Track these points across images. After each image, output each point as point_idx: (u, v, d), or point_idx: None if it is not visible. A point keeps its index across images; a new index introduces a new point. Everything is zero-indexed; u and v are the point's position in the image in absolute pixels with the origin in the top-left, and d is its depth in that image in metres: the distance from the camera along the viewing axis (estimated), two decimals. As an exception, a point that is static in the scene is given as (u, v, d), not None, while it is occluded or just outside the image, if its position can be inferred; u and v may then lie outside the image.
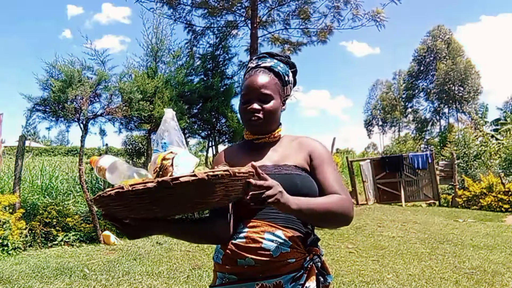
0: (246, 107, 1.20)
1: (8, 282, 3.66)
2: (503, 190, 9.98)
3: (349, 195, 1.16)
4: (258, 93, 1.18)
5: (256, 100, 1.19)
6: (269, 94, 1.19)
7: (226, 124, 8.79)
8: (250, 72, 1.25)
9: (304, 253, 1.10)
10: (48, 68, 5.60)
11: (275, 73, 1.23)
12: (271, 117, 1.20)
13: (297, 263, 1.08)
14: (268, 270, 1.05)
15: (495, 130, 21.12)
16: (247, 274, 1.07)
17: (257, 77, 1.20)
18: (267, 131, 1.24)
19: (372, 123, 51.74)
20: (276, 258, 1.05)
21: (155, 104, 6.53)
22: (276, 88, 1.21)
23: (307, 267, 1.09)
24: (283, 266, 1.06)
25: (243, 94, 1.23)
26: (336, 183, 1.16)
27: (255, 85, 1.19)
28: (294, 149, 1.23)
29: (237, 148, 1.36)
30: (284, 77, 1.25)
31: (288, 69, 1.28)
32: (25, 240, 5.21)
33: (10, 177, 6.73)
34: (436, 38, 38.89)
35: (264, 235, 1.07)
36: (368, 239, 5.98)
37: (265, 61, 1.25)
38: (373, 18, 8.62)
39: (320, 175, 1.17)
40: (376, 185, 11.81)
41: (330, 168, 1.19)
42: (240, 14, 9.60)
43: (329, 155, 1.23)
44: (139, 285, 3.69)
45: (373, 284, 3.72)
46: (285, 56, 1.30)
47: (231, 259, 1.09)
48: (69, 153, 30.05)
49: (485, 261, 4.58)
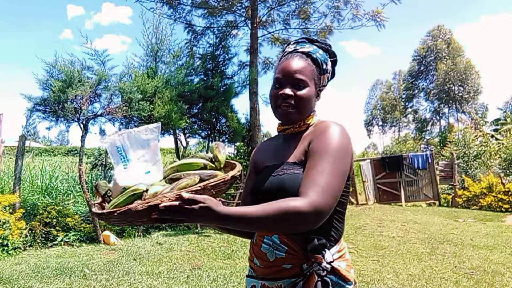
0: (278, 91, 1.11)
1: (8, 282, 3.66)
2: (503, 190, 9.98)
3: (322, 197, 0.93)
4: (292, 78, 1.09)
5: (289, 85, 1.10)
6: (304, 80, 1.09)
7: (226, 124, 8.80)
8: (287, 56, 1.15)
9: (302, 259, 1.03)
10: (48, 68, 5.61)
11: (313, 59, 1.13)
12: (303, 105, 1.10)
13: (294, 268, 1.03)
14: (270, 273, 1.07)
15: (495, 130, 21.13)
16: (257, 272, 1.12)
17: (293, 61, 1.11)
18: (297, 121, 1.13)
19: (372, 123, 51.72)
20: (272, 263, 1.06)
21: (155, 104, 6.53)
22: (312, 75, 1.12)
23: (306, 273, 1.02)
24: (281, 271, 1.05)
25: (275, 78, 1.13)
26: (309, 179, 0.97)
27: (290, 69, 1.10)
28: (305, 140, 1.12)
29: (268, 142, 1.32)
30: (323, 65, 1.14)
31: (328, 57, 1.17)
32: (25, 240, 5.21)
33: (10, 177, 6.73)
34: (436, 38, 38.87)
35: (264, 239, 1.08)
36: (368, 239, 5.98)
37: (303, 46, 1.16)
38: (373, 18, 8.62)
39: (305, 170, 1.02)
40: (376, 185, 11.81)
41: (319, 161, 1.00)
42: (240, 14, 9.61)
43: (330, 143, 1.03)
44: (139, 285, 3.69)
45: (373, 284, 3.72)
46: (326, 44, 1.19)
47: (251, 256, 1.16)
48: (69, 153, 30.07)
49: (485, 261, 4.58)
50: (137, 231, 6.28)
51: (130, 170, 1.05)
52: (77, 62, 5.81)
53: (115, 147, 1.07)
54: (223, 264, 4.50)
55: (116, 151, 1.07)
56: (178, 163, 1.12)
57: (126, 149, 1.08)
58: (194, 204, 0.86)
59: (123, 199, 0.97)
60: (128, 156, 1.07)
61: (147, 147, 1.09)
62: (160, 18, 7.67)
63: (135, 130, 1.09)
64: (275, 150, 1.20)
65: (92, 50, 6.04)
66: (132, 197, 0.97)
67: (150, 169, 1.07)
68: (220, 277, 3.94)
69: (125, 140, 1.08)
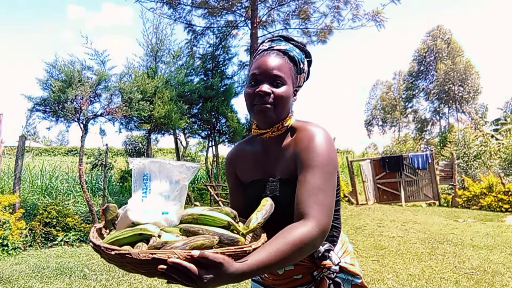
0: (254, 89, 1.02)
1: (8, 282, 3.66)
2: (503, 190, 9.98)
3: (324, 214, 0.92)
4: (270, 74, 1.02)
5: (266, 82, 1.02)
6: (282, 76, 1.02)
7: (226, 124, 8.80)
8: (262, 53, 1.08)
9: (311, 267, 1.04)
10: (48, 68, 5.61)
11: (290, 57, 1.07)
12: (282, 105, 1.03)
13: (305, 277, 1.05)
14: (280, 284, 1.08)
15: (495, 130, 21.13)
16: (266, 281, 1.12)
17: (270, 58, 1.04)
18: (275, 122, 1.06)
19: (372, 123, 51.70)
20: (282, 276, 1.05)
21: (155, 104, 6.53)
22: (290, 73, 1.05)
23: (317, 279, 1.04)
24: (291, 282, 1.05)
25: (252, 75, 1.05)
26: (312, 197, 0.93)
27: (267, 65, 1.02)
28: (289, 151, 1.05)
29: (245, 147, 1.21)
30: (300, 63, 1.08)
31: (304, 56, 1.11)
32: (25, 240, 5.21)
33: (10, 177, 6.73)
34: (436, 38, 38.88)
35: None
36: (368, 239, 5.97)
37: (279, 44, 1.09)
38: (373, 18, 8.62)
39: (297, 185, 0.97)
40: (376, 185, 11.81)
41: (311, 175, 0.96)
42: (240, 14, 9.60)
43: (319, 155, 0.98)
44: (139, 285, 3.69)
45: (373, 284, 3.72)
46: (301, 43, 1.13)
47: None
48: (69, 153, 30.08)
49: (485, 261, 4.58)
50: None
51: (148, 203, 0.92)
52: (77, 62, 5.81)
53: (142, 173, 0.94)
54: (223, 264, 4.49)
55: (141, 177, 0.94)
56: (201, 212, 0.97)
57: (152, 179, 0.95)
58: (206, 268, 0.73)
59: (127, 235, 0.84)
60: (151, 187, 0.94)
61: (175, 185, 0.96)
62: (160, 18, 7.68)
63: (172, 163, 0.96)
64: (257, 160, 1.13)
65: (92, 50, 6.05)
66: (138, 237, 0.84)
67: (169, 210, 0.94)
68: (220, 277, 3.94)
69: (155, 169, 0.95)
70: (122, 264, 0.80)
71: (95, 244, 0.82)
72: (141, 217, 0.88)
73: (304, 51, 1.12)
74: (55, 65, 5.62)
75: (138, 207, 0.90)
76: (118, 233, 0.86)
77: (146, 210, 0.90)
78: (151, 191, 0.94)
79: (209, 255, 0.73)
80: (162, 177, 0.95)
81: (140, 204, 0.91)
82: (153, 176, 0.95)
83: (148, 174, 0.94)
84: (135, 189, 0.94)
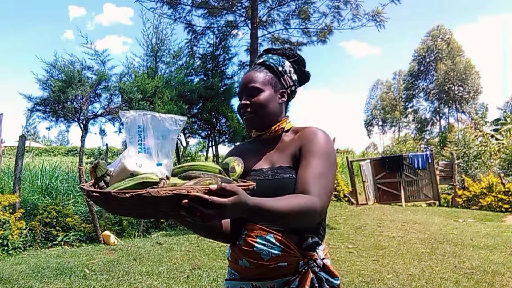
0: (240, 103, 1.22)
1: (8, 282, 3.66)
2: (503, 190, 9.98)
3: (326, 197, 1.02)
4: (246, 88, 1.19)
5: (245, 96, 1.19)
6: (256, 87, 1.17)
7: (226, 124, 8.80)
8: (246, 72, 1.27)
9: (298, 257, 1.08)
10: (48, 68, 5.61)
11: (266, 66, 1.21)
12: (261, 109, 1.17)
13: (290, 267, 1.07)
14: (262, 273, 1.09)
15: (495, 130, 21.11)
16: (246, 274, 1.13)
17: (247, 75, 1.21)
18: (263, 125, 1.20)
19: (372, 123, 51.71)
20: (266, 262, 1.07)
21: (155, 104, 6.53)
22: (266, 80, 1.18)
23: (301, 271, 1.07)
24: (275, 270, 1.07)
25: (238, 92, 1.25)
26: (315, 179, 1.03)
27: (244, 82, 1.20)
28: (293, 144, 1.18)
29: (245, 146, 1.35)
30: (277, 68, 1.21)
31: (283, 59, 1.23)
32: (25, 240, 5.21)
33: (10, 177, 6.73)
34: (436, 38, 38.89)
35: (257, 239, 1.09)
36: (368, 239, 5.98)
37: (260, 59, 1.25)
38: (373, 18, 8.62)
39: (301, 169, 1.08)
40: (376, 185, 11.81)
41: (315, 162, 1.07)
42: (240, 14, 9.60)
43: (325, 147, 1.11)
44: (139, 285, 3.69)
45: (373, 284, 3.72)
46: (284, 49, 1.27)
47: (235, 259, 1.16)
48: (69, 153, 30.06)
49: (485, 261, 4.58)
50: (137, 231, 6.28)
51: (143, 155, 0.94)
52: (77, 62, 5.81)
53: (136, 126, 0.95)
54: (223, 264, 4.49)
55: (136, 130, 0.95)
56: (190, 164, 1.02)
57: (146, 132, 0.96)
58: (225, 197, 0.78)
59: (129, 184, 0.84)
60: (145, 140, 0.96)
61: (167, 138, 0.99)
62: (160, 18, 7.68)
63: (161, 115, 0.99)
64: (258, 154, 1.23)
65: (92, 50, 6.04)
66: (140, 186, 0.83)
67: (162, 162, 0.96)
68: (220, 277, 3.94)
69: (148, 122, 0.97)
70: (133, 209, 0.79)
71: (103, 193, 0.78)
72: (139, 167, 0.90)
73: (286, 54, 1.24)
74: (55, 65, 5.62)
75: (135, 158, 0.92)
76: (119, 183, 0.85)
77: (142, 161, 0.92)
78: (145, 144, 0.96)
79: (226, 185, 0.79)
80: (154, 129, 0.98)
81: (137, 156, 0.93)
82: (146, 129, 0.96)
83: (142, 126, 0.96)
84: (131, 142, 0.95)
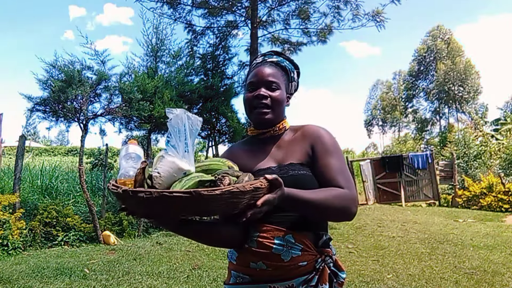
0: (253, 94, 1.17)
1: (8, 282, 3.66)
2: (503, 190, 9.98)
3: (353, 187, 1.10)
4: (266, 80, 1.16)
5: (263, 87, 1.16)
6: (277, 82, 1.17)
7: (226, 124, 8.80)
8: (257, 65, 1.23)
9: (316, 255, 1.08)
10: (48, 68, 5.61)
11: (282, 67, 1.22)
12: (278, 106, 1.17)
13: (309, 265, 1.07)
14: (280, 274, 1.05)
15: (495, 130, 21.10)
16: (260, 276, 1.08)
17: (264, 67, 1.19)
18: (273, 122, 1.19)
19: (372, 123, 51.68)
20: (287, 263, 1.05)
21: (155, 104, 6.53)
22: (282, 81, 1.20)
23: (319, 268, 1.08)
24: (295, 269, 1.05)
25: (249, 83, 1.20)
26: (340, 175, 1.09)
27: (263, 73, 1.18)
28: (298, 142, 1.19)
29: (241, 147, 1.30)
30: (290, 73, 1.24)
31: (293, 67, 1.27)
32: (25, 240, 5.21)
33: (10, 177, 6.73)
34: (436, 38, 38.87)
35: (274, 240, 1.05)
36: (368, 239, 5.98)
37: (271, 57, 1.25)
38: (373, 18, 8.61)
39: (322, 168, 1.11)
40: (376, 185, 11.81)
41: (333, 159, 1.12)
42: (240, 14, 9.60)
43: (333, 143, 1.17)
44: (139, 285, 3.69)
45: (373, 284, 3.72)
46: (289, 58, 1.29)
47: (245, 262, 1.10)
48: (69, 153, 30.04)
49: (485, 261, 4.58)
50: (137, 231, 6.28)
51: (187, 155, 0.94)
52: (77, 62, 5.80)
53: (183, 125, 0.96)
54: (223, 264, 4.49)
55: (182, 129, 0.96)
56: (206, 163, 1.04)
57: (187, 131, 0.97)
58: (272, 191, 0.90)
59: (190, 183, 0.86)
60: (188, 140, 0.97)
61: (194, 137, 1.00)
62: (160, 18, 7.67)
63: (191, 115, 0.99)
64: (260, 153, 1.21)
65: (92, 50, 6.03)
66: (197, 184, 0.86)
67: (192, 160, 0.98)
68: (220, 277, 3.94)
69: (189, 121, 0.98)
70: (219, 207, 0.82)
71: (195, 192, 0.78)
72: (190, 166, 0.94)
73: (293, 63, 1.27)
74: (55, 65, 5.61)
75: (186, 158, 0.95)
76: (182, 184, 0.88)
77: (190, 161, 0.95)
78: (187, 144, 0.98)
79: (277, 177, 0.90)
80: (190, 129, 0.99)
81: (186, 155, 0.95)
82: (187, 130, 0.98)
83: (186, 125, 0.97)
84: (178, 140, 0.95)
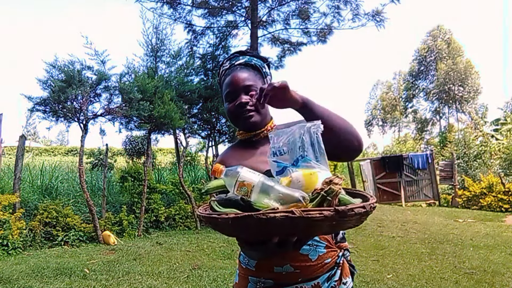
0: (235, 103, 1.13)
1: (8, 282, 3.66)
2: (503, 190, 9.98)
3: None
4: (242, 86, 1.13)
5: (242, 94, 1.13)
6: (254, 84, 1.13)
7: (226, 124, 8.79)
8: (226, 72, 1.19)
9: (337, 250, 1.11)
10: (48, 68, 5.60)
11: (252, 66, 1.18)
12: (262, 107, 1.13)
13: (332, 261, 1.09)
14: (307, 274, 1.05)
15: (495, 130, 21.09)
16: (286, 279, 1.05)
17: (236, 73, 1.15)
18: (262, 123, 1.17)
19: (372, 123, 51.65)
20: (314, 262, 1.05)
21: (155, 104, 6.52)
22: (257, 79, 1.17)
23: (339, 263, 1.10)
24: (321, 267, 1.06)
25: (227, 93, 1.16)
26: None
27: (237, 79, 1.13)
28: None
29: (234, 152, 1.23)
30: (262, 69, 1.20)
31: (263, 62, 1.23)
32: (25, 240, 5.21)
33: (10, 177, 6.73)
34: (436, 38, 38.86)
35: None
36: (368, 239, 5.97)
37: (238, 59, 1.20)
38: (373, 18, 8.62)
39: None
40: (376, 185, 11.81)
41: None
42: (240, 14, 9.60)
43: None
44: (139, 285, 3.69)
45: (373, 284, 3.72)
46: (256, 53, 1.26)
47: (268, 267, 1.06)
48: (69, 153, 30.06)
49: (485, 261, 4.58)
50: (137, 231, 6.28)
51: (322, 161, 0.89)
52: (77, 62, 5.80)
53: (314, 134, 0.91)
54: (223, 264, 4.50)
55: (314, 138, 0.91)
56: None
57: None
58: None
59: (320, 200, 0.82)
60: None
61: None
62: (160, 18, 7.67)
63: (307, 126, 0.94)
64: (257, 156, 1.15)
65: (92, 50, 6.03)
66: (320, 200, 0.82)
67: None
68: (220, 277, 3.94)
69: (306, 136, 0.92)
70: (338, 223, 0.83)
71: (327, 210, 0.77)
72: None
73: (261, 58, 1.24)
74: (55, 65, 5.61)
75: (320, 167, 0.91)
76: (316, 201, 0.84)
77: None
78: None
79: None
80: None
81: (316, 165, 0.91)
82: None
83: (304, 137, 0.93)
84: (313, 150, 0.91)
